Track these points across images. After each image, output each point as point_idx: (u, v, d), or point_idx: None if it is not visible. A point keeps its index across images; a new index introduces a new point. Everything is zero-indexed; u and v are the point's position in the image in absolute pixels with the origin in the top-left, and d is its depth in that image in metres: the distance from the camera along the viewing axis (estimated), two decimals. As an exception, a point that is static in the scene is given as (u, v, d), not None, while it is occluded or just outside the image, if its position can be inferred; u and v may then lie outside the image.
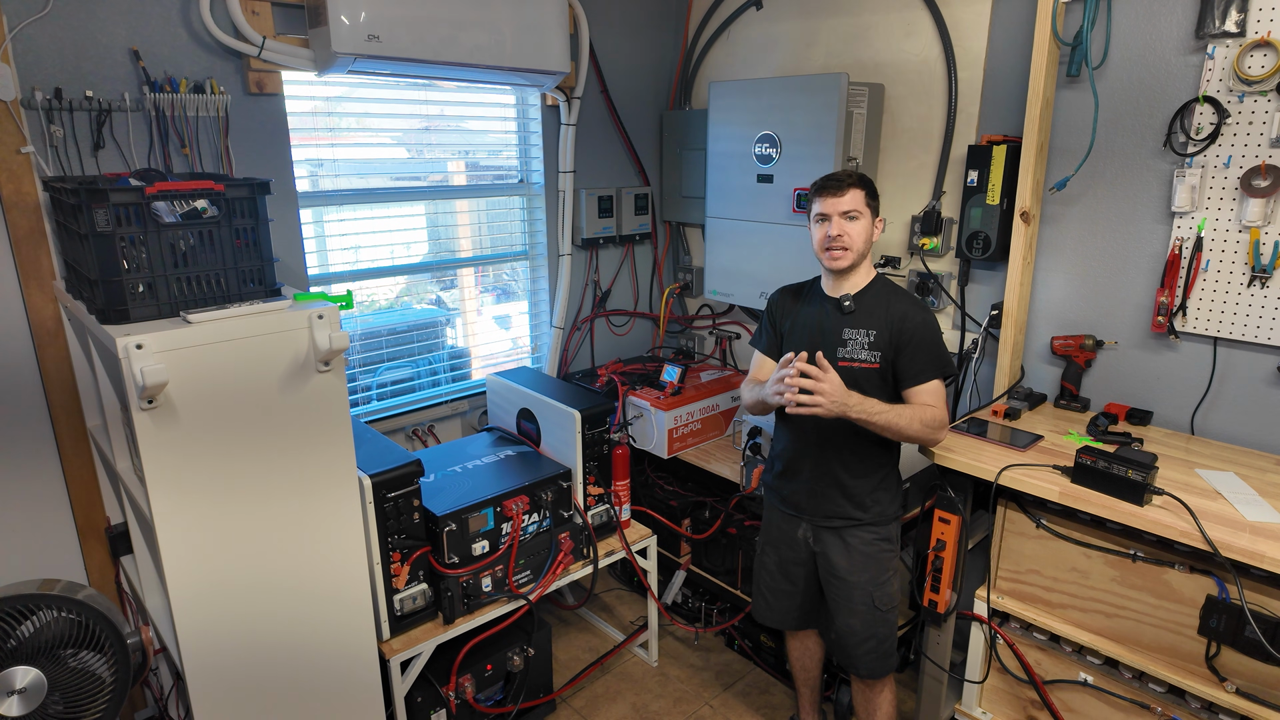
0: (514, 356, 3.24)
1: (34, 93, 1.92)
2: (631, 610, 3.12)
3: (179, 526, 1.57)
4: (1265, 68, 1.90)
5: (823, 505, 2.03)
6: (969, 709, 2.21)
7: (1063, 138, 2.27)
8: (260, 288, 1.69)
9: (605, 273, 3.35)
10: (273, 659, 1.77)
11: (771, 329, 2.16)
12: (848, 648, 2.08)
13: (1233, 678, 1.72)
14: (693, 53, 3.28)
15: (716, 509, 2.79)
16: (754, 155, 2.77)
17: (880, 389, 1.95)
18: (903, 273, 2.73)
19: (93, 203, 1.48)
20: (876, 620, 2.03)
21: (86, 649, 1.39)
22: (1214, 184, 2.03)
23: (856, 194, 1.90)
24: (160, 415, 1.50)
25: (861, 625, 2.04)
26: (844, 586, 2.03)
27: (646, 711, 2.60)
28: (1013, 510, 2.04)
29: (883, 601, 2.03)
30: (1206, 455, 2.02)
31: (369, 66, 2.28)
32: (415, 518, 2.09)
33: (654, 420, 2.88)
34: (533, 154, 3.04)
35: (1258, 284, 2.00)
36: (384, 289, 2.85)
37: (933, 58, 2.54)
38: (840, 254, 1.92)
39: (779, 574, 2.17)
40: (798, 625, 2.25)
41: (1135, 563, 1.83)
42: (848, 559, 2.02)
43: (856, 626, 2.04)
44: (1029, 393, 2.38)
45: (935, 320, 1.96)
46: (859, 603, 2.02)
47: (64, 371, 2.09)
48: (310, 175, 2.52)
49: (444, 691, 2.21)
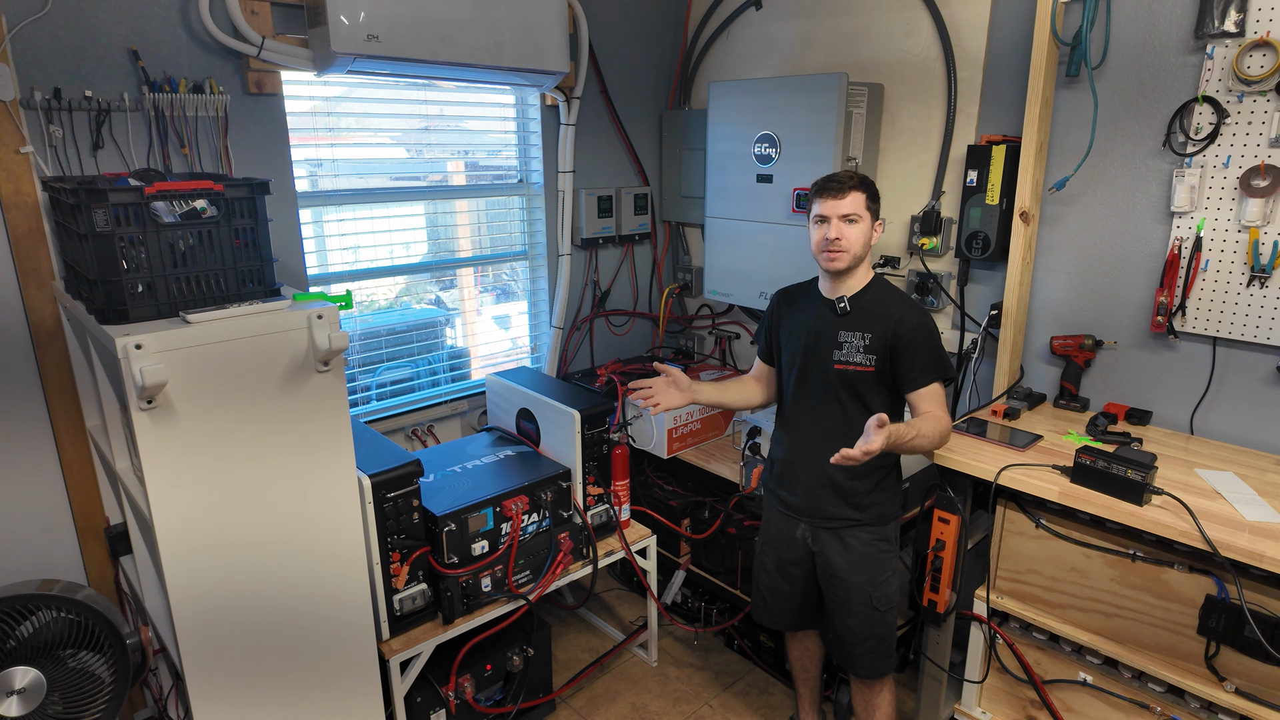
0: (513, 356, 3.24)
1: (33, 92, 1.92)
2: (631, 610, 3.12)
3: (178, 526, 1.57)
4: (1264, 68, 1.90)
5: (820, 506, 2.03)
6: (968, 709, 2.21)
7: (1062, 137, 2.27)
8: (259, 288, 1.69)
9: (605, 273, 3.35)
10: (272, 659, 1.77)
11: (767, 333, 2.16)
12: (846, 648, 2.08)
13: (1232, 677, 1.72)
14: (692, 53, 3.28)
15: (716, 509, 2.79)
16: (753, 155, 2.77)
17: (877, 392, 1.94)
18: (902, 273, 2.73)
19: (92, 203, 1.48)
20: (875, 620, 2.03)
21: (86, 649, 1.39)
22: (1213, 184, 2.03)
23: (857, 197, 1.89)
24: (159, 415, 1.50)
25: (860, 625, 2.04)
26: (842, 586, 2.03)
27: (646, 711, 2.60)
28: (1012, 510, 2.04)
29: (881, 602, 2.02)
30: (1206, 455, 2.02)
31: (368, 66, 2.27)
32: (415, 518, 2.09)
33: (653, 420, 2.88)
34: (532, 154, 3.04)
35: (1257, 284, 2.00)
36: (383, 289, 2.85)
37: (932, 57, 2.54)
38: (837, 256, 1.91)
39: (777, 574, 2.17)
40: (796, 626, 2.25)
41: (1135, 562, 1.83)
42: (845, 559, 2.02)
43: (855, 627, 2.04)
44: (1028, 392, 2.38)
45: (933, 323, 1.95)
46: (857, 603, 2.02)
47: (63, 371, 2.09)
48: (309, 175, 2.51)
49: (444, 691, 2.21)
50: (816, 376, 2.00)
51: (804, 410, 2.04)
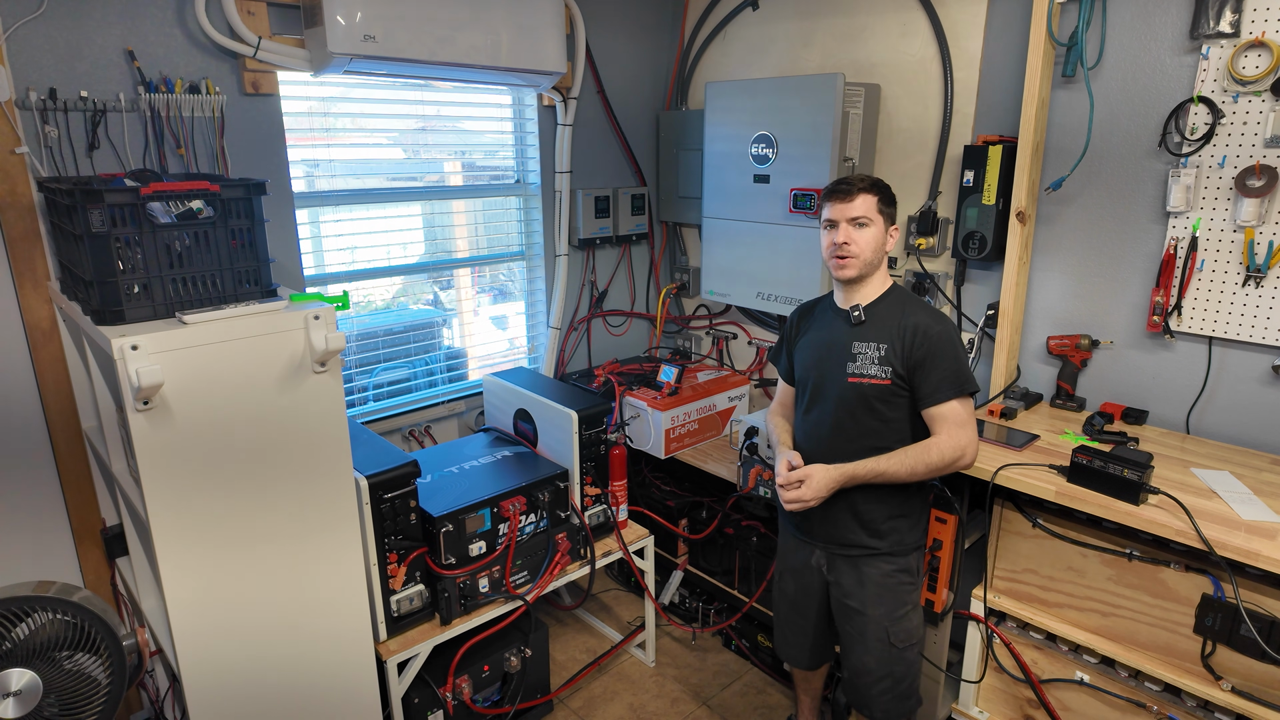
0: (511, 357, 3.24)
1: (28, 93, 1.91)
2: (629, 610, 3.11)
3: (175, 528, 1.57)
4: (1259, 68, 1.90)
5: (836, 531, 1.92)
6: (966, 708, 2.21)
7: (1058, 138, 2.28)
8: (256, 288, 1.69)
9: (602, 273, 3.35)
10: (269, 659, 1.77)
11: (785, 352, 2.09)
12: (861, 688, 1.97)
13: (1228, 676, 1.73)
14: (689, 53, 3.28)
15: (714, 509, 2.79)
16: (750, 155, 2.77)
17: (894, 406, 1.83)
18: (899, 273, 2.73)
19: (88, 203, 1.48)
20: (892, 658, 1.91)
21: (82, 651, 1.38)
22: (1209, 184, 2.04)
23: (867, 200, 1.80)
24: (156, 416, 1.50)
25: (876, 664, 1.92)
26: (857, 620, 1.92)
27: (644, 712, 2.60)
28: (1009, 510, 2.04)
29: (899, 638, 1.90)
30: (1202, 454, 2.02)
31: (365, 67, 2.27)
32: (412, 518, 2.09)
33: (651, 420, 2.88)
34: (529, 154, 3.04)
35: (1252, 283, 2.01)
36: (380, 289, 2.85)
37: (929, 58, 2.54)
38: (846, 262, 1.82)
39: (793, 606, 2.08)
40: (810, 664, 2.15)
41: (1131, 562, 1.84)
42: (861, 590, 1.91)
43: (871, 665, 1.93)
44: (1025, 392, 2.39)
45: (955, 332, 1.83)
46: (873, 638, 1.90)
47: (59, 373, 2.08)
48: (306, 176, 2.51)
49: (441, 692, 2.21)
50: (830, 391, 1.89)
51: (818, 427, 1.93)
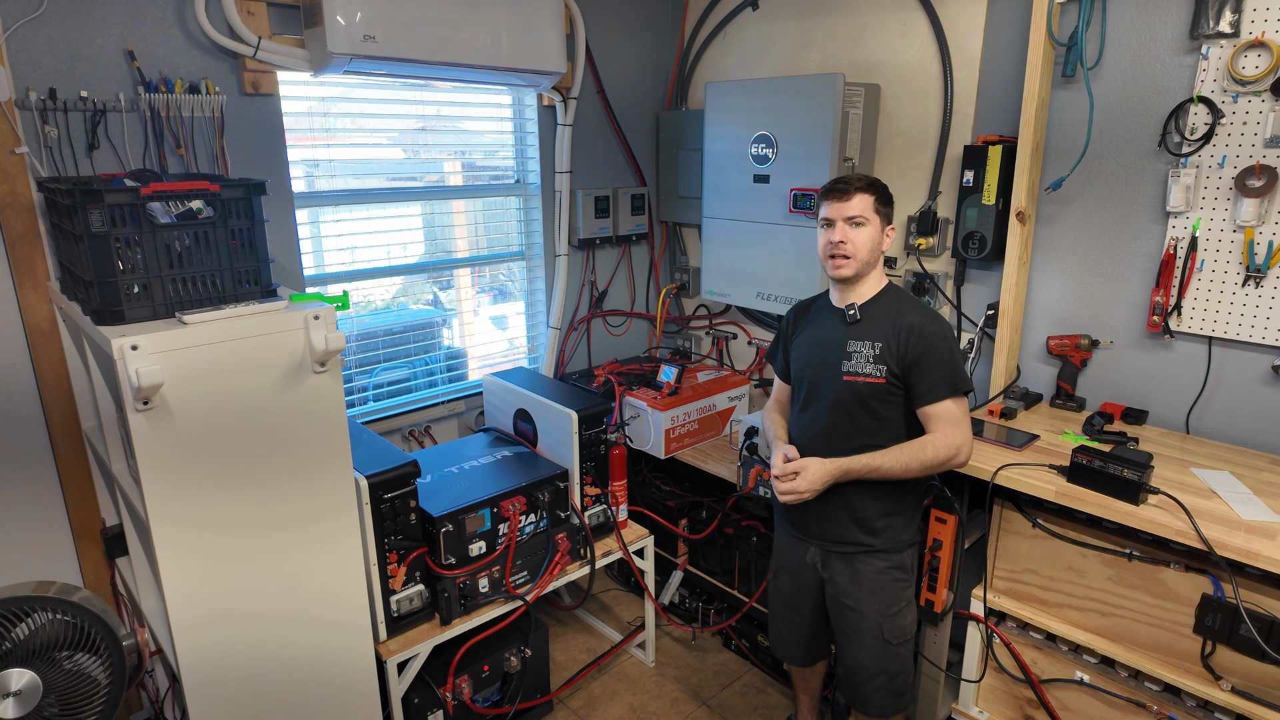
0: (511, 357, 3.24)
1: (28, 93, 1.91)
2: (629, 610, 3.11)
3: (174, 528, 1.57)
4: (1259, 68, 1.90)
5: (831, 528, 1.94)
6: (966, 708, 2.21)
7: (1058, 138, 2.28)
8: (256, 288, 1.69)
9: (602, 273, 3.35)
10: (269, 660, 1.77)
11: (781, 351, 2.10)
12: (856, 684, 2.00)
13: (1228, 676, 1.73)
14: (689, 53, 3.28)
15: (713, 509, 2.79)
16: (750, 155, 2.77)
17: (889, 405, 1.85)
18: (899, 273, 2.73)
19: (88, 203, 1.48)
20: (887, 655, 1.94)
21: (82, 651, 1.38)
22: (1208, 184, 2.04)
23: (864, 199, 1.82)
24: (155, 416, 1.50)
25: (870, 660, 1.95)
26: (852, 616, 1.95)
27: (644, 712, 2.60)
28: (1009, 510, 2.04)
29: (893, 634, 1.93)
30: (1202, 454, 2.02)
31: (365, 67, 2.27)
32: (412, 519, 2.09)
33: (651, 420, 2.88)
34: (529, 154, 3.04)
35: (1252, 283, 2.01)
36: (380, 290, 2.85)
37: (928, 58, 2.54)
38: (842, 262, 1.84)
39: (788, 603, 2.11)
40: (805, 660, 2.18)
41: (1131, 562, 1.84)
42: (855, 586, 1.94)
43: (865, 661, 1.95)
44: (1025, 392, 2.39)
45: (949, 332, 1.85)
46: (867, 635, 1.93)
47: (59, 373, 2.08)
48: (306, 176, 2.51)
49: (441, 692, 2.21)
50: (826, 389, 1.91)
51: (813, 425, 1.95)
